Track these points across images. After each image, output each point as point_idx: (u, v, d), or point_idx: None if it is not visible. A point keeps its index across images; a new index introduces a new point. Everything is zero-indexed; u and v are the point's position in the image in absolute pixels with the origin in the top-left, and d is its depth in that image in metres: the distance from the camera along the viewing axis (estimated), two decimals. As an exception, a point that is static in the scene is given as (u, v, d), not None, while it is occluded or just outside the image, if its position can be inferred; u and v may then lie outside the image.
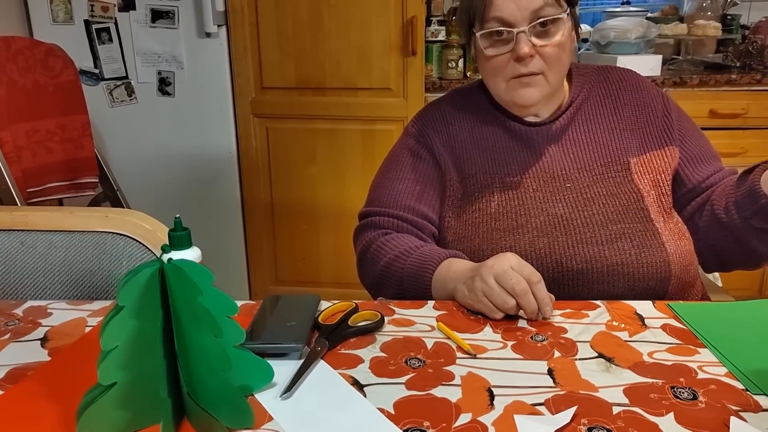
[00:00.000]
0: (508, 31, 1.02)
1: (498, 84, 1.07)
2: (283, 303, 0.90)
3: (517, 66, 1.03)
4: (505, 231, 1.05)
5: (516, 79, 1.04)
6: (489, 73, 1.07)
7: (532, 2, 1.00)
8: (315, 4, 2.20)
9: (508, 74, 1.04)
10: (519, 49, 1.01)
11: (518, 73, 1.03)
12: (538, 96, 1.06)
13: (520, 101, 1.07)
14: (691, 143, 1.12)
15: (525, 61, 1.02)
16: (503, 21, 1.01)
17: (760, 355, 0.77)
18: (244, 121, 2.37)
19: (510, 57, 1.03)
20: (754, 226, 1.00)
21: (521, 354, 0.79)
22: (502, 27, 1.02)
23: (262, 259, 2.51)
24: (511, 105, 1.10)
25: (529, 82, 1.04)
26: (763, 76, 2.27)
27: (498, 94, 1.09)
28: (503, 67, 1.04)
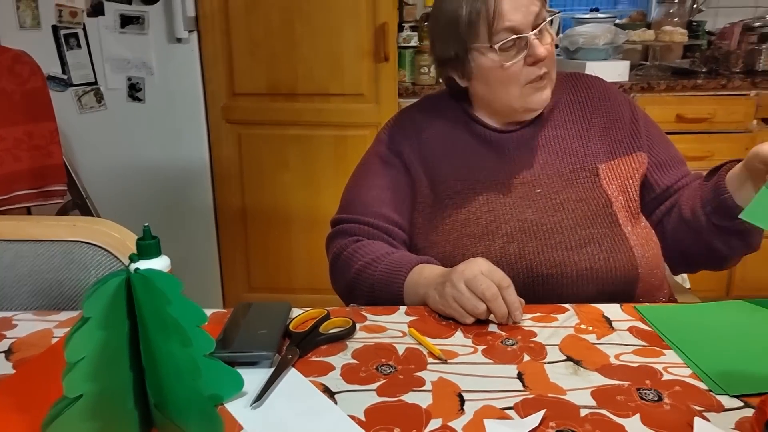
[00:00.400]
0: (520, 38, 1.03)
1: (511, 92, 1.07)
2: (254, 311, 0.90)
3: (532, 70, 1.05)
4: (475, 237, 1.05)
5: (530, 84, 1.06)
6: (502, 82, 1.07)
7: (533, 6, 1.03)
8: (286, 10, 2.20)
9: (524, 80, 1.06)
10: (537, 52, 1.03)
11: (535, 77, 1.05)
12: (549, 96, 1.09)
13: (536, 105, 1.09)
14: (659, 149, 1.15)
15: (539, 64, 1.04)
16: (515, 30, 1.02)
17: (723, 356, 0.79)
18: (216, 128, 2.35)
19: (522, 63, 1.04)
20: (715, 223, 1.02)
21: (491, 358, 0.79)
22: (514, 35, 1.03)
23: (235, 266, 2.49)
24: (522, 111, 1.11)
25: (543, 85, 1.07)
26: (729, 81, 2.33)
27: (509, 103, 1.09)
28: (518, 75, 1.05)
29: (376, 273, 1.03)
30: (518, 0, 1.02)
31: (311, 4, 2.18)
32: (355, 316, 0.91)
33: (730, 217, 1.00)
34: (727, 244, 1.04)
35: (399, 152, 1.15)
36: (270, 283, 2.51)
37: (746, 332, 0.84)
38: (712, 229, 1.03)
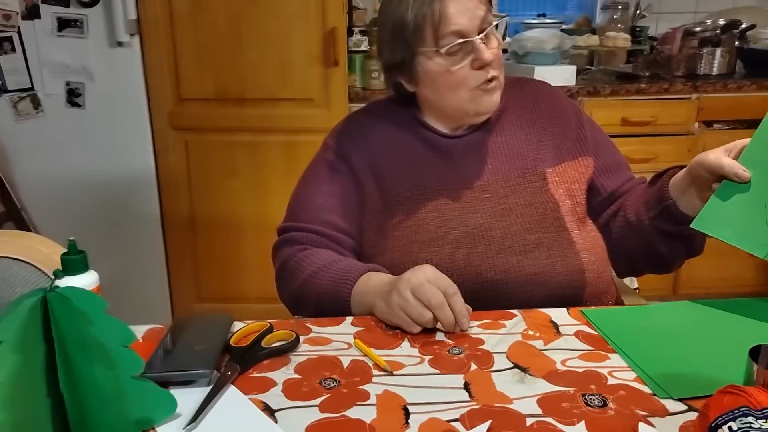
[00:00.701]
0: (466, 42, 1.02)
1: (461, 96, 1.06)
2: (192, 325, 0.86)
3: (480, 74, 1.04)
4: (424, 243, 1.04)
5: (479, 88, 1.05)
6: (450, 87, 1.06)
7: (478, 10, 1.02)
8: (233, 14, 2.15)
9: (472, 84, 1.04)
10: (484, 56, 1.02)
11: (483, 80, 1.04)
12: (498, 100, 1.08)
13: (485, 109, 1.08)
14: (605, 153, 1.16)
15: (486, 68, 1.03)
16: (461, 34, 1.01)
17: (666, 358, 0.79)
18: (161, 135, 2.28)
19: (470, 67, 1.03)
20: (659, 228, 1.03)
21: (438, 368, 0.78)
22: (461, 39, 1.02)
23: (184, 276, 2.42)
24: (472, 115, 1.09)
25: (492, 88, 1.06)
26: (671, 84, 2.39)
27: (460, 107, 1.08)
28: (466, 79, 1.04)
29: (323, 282, 1.00)
30: (464, 4, 1.01)
31: (259, 8, 2.14)
32: (300, 329, 0.88)
33: (674, 223, 1.01)
34: (671, 248, 1.05)
35: (347, 158, 1.13)
36: (220, 293, 2.45)
37: (691, 334, 0.85)
38: (656, 234, 1.04)
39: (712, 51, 2.55)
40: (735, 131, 2.42)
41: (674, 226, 1.01)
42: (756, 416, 0.58)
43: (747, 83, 2.39)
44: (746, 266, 2.55)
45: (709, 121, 2.43)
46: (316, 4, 2.14)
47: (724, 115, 2.42)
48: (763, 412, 0.58)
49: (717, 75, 2.56)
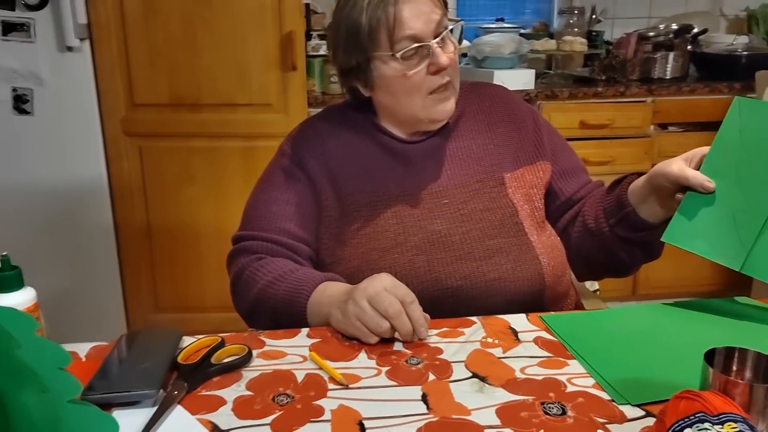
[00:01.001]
0: (422, 46, 1.00)
1: (415, 102, 1.04)
2: (139, 342, 0.82)
3: (434, 79, 1.02)
4: (383, 250, 1.02)
5: (433, 94, 1.03)
6: (405, 92, 1.04)
7: (434, 14, 1.00)
8: (187, 18, 2.10)
9: (427, 89, 1.03)
10: (440, 60, 1.00)
11: (437, 86, 1.03)
12: (453, 106, 1.07)
13: (440, 116, 1.06)
14: (562, 157, 1.16)
15: (441, 73, 1.02)
16: (416, 38, 1.00)
17: (625, 363, 0.78)
18: (114, 141, 2.21)
19: (425, 72, 1.01)
20: (618, 234, 1.03)
21: (395, 380, 0.76)
22: (416, 44, 1.00)
23: (140, 286, 2.35)
24: (426, 122, 1.08)
25: (447, 95, 1.05)
26: (627, 88, 2.43)
27: (414, 113, 1.06)
28: (421, 84, 1.02)
29: (278, 292, 0.97)
30: (419, 8, 1.00)
31: (213, 12, 2.10)
32: (253, 342, 0.85)
33: (633, 230, 1.01)
34: (630, 254, 1.06)
35: (303, 165, 1.11)
36: (179, 303, 2.39)
37: (649, 338, 0.85)
38: (615, 241, 1.04)
39: (665, 55, 2.60)
40: (689, 133, 2.48)
41: (634, 233, 1.02)
42: (712, 422, 0.57)
43: (700, 86, 2.44)
44: (702, 266, 2.60)
45: (664, 123, 2.48)
46: (273, 8, 2.11)
47: (678, 118, 2.47)
48: (719, 417, 0.58)
49: (671, 78, 2.61)
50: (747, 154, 0.88)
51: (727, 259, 0.88)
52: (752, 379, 0.68)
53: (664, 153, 2.45)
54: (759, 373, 0.68)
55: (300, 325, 0.92)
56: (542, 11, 3.05)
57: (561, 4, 2.92)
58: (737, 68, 2.54)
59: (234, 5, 2.10)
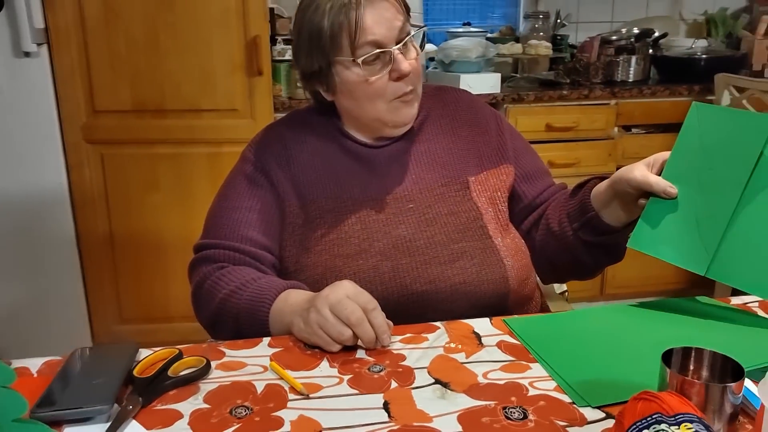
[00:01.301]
0: (384, 52, 0.99)
1: (378, 107, 1.03)
2: (93, 356, 0.80)
3: (398, 85, 1.02)
4: (348, 257, 1.01)
5: (398, 99, 1.03)
6: (368, 97, 1.03)
7: (396, 20, 1.00)
8: (149, 22, 2.07)
9: (390, 95, 1.02)
10: (402, 67, 0.99)
11: (401, 92, 1.02)
12: (416, 112, 1.07)
13: (403, 120, 1.06)
14: (525, 160, 1.16)
15: (405, 79, 1.01)
16: (378, 43, 0.99)
17: (586, 365, 0.79)
18: (74, 149, 2.16)
19: (387, 78, 1.01)
20: (582, 238, 1.04)
21: (357, 388, 0.75)
22: (378, 49, 0.99)
23: (104, 297, 2.30)
24: (390, 126, 1.07)
25: (410, 100, 1.04)
26: (591, 91, 2.46)
27: (378, 117, 1.05)
28: (383, 90, 1.02)
29: (240, 302, 0.96)
30: (382, 14, 0.99)
31: (176, 16, 2.07)
32: (212, 353, 0.83)
33: (597, 234, 1.02)
34: (594, 257, 1.07)
35: (266, 171, 1.09)
36: (145, 314, 2.34)
37: (611, 339, 0.85)
38: (579, 244, 1.05)
39: (627, 58, 2.65)
40: (652, 135, 2.52)
41: (597, 237, 1.03)
42: (668, 423, 0.58)
43: (661, 89, 2.49)
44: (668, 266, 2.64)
45: (627, 125, 2.51)
46: (237, 12, 2.09)
47: (641, 120, 2.51)
48: (675, 418, 0.58)
49: (633, 81, 2.66)
50: (707, 159, 0.89)
51: (692, 264, 0.90)
52: (708, 379, 0.68)
53: (628, 154, 2.49)
54: (715, 372, 0.68)
55: (263, 335, 0.90)
56: (508, 15, 3.08)
57: (526, 8, 2.95)
58: (697, 71, 2.59)
59: (197, 9, 2.07)
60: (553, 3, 2.90)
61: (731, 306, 0.96)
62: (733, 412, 0.64)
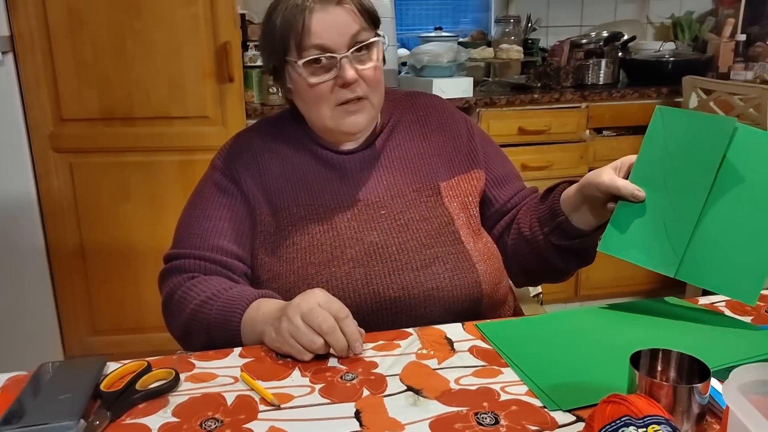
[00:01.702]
0: (330, 57, 0.99)
1: (323, 112, 1.03)
2: (60, 371, 0.78)
3: (343, 92, 1.01)
4: (320, 264, 1.00)
5: (342, 106, 1.02)
6: (313, 102, 1.03)
7: (350, 27, 0.99)
8: (116, 28, 2.04)
9: (333, 101, 1.01)
10: (346, 74, 0.98)
11: (345, 99, 1.01)
12: (364, 122, 1.05)
13: (348, 128, 1.04)
14: (496, 165, 1.17)
15: (351, 87, 1.00)
16: (324, 48, 0.98)
17: (557, 369, 0.79)
18: (42, 158, 2.12)
19: (333, 84, 1.00)
20: (553, 242, 1.05)
21: (329, 397, 0.74)
22: (323, 54, 0.99)
23: (75, 308, 2.26)
24: (337, 133, 1.06)
25: (356, 109, 1.03)
26: (562, 94, 2.49)
27: (323, 123, 1.05)
28: (327, 95, 1.01)
29: (212, 312, 0.95)
30: (333, 19, 0.98)
31: (143, 22, 2.04)
32: (182, 365, 0.82)
33: (567, 238, 1.03)
34: (564, 261, 1.08)
35: (236, 179, 1.08)
36: (117, 325, 2.31)
37: (582, 342, 0.86)
38: (550, 248, 1.06)
39: (597, 62, 2.68)
40: (622, 137, 2.56)
41: (568, 241, 1.03)
42: (637, 425, 0.58)
43: (630, 92, 2.53)
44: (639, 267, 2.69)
45: (598, 128, 2.55)
46: (206, 18, 2.07)
47: (611, 122, 2.55)
48: (644, 420, 0.59)
49: (603, 84, 2.69)
50: (672, 162, 0.90)
51: (661, 266, 0.91)
52: (676, 380, 0.69)
53: (600, 156, 2.52)
54: (683, 373, 0.69)
55: (235, 345, 0.89)
56: (480, 20, 3.10)
57: (497, 12, 2.98)
58: (665, 74, 2.64)
59: (165, 15, 2.05)
60: (524, 7, 2.93)
61: (699, 306, 0.98)
62: (700, 412, 0.64)
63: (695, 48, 2.97)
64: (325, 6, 0.98)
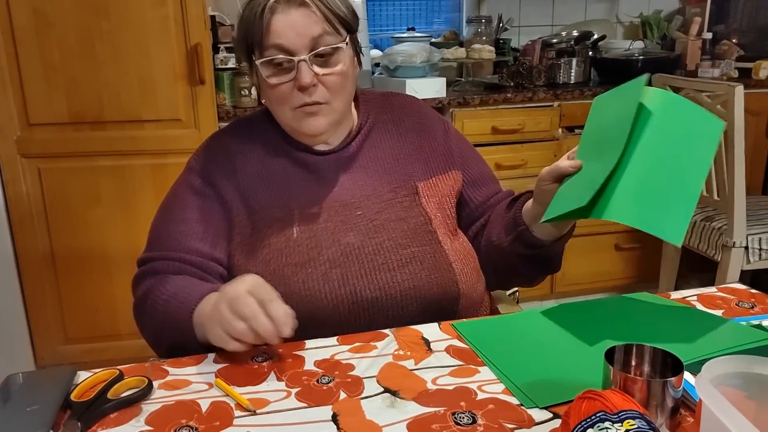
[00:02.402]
0: (288, 59, 0.98)
1: (284, 112, 1.03)
2: (27, 382, 0.76)
3: (301, 95, 1.00)
4: (296, 265, 1.00)
5: (301, 108, 1.01)
6: (274, 101, 1.03)
7: (311, 29, 0.97)
8: (84, 31, 2.00)
9: (294, 103, 1.01)
10: (301, 78, 0.98)
11: (302, 103, 1.00)
12: (325, 125, 1.04)
13: (307, 130, 1.03)
14: (472, 166, 1.17)
15: (309, 91, 0.99)
16: (283, 49, 0.98)
17: (533, 366, 0.79)
18: (9, 163, 2.07)
19: (292, 86, 0.99)
20: (515, 251, 1.06)
21: (305, 401, 0.74)
22: (282, 55, 0.98)
23: (46, 317, 2.21)
24: (299, 134, 1.06)
25: (315, 111, 1.02)
26: (534, 93, 2.51)
27: (286, 123, 1.05)
28: (288, 96, 1.00)
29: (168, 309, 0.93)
30: (295, 20, 0.97)
31: (112, 24, 2.01)
32: (154, 372, 0.80)
33: (528, 247, 1.04)
34: (528, 268, 1.09)
35: (211, 181, 1.07)
36: (91, 332, 2.26)
37: (558, 339, 0.87)
38: (513, 256, 1.07)
39: (568, 61, 2.71)
40: (594, 135, 2.58)
41: (530, 250, 1.05)
42: (612, 420, 0.59)
43: (601, 90, 2.55)
44: (613, 261, 2.73)
45: (570, 126, 2.57)
46: (177, 20, 2.04)
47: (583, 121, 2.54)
48: (618, 415, 0.59)
49: (575, 83, 2.72)
50: (601, 132, 0.92)
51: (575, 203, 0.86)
52: (650, 374, 0.70)
53: (573, 155, 2.55)
54: (656, 367, 0.70)
55: (197, 345, 0.88)
56: (452, 20, 3.11)
57: (469, 13, 2.99)
58: (634, 72, 2.65)
59: (134, 17, 2.01)
60: (495, 7, 2.94)
61: (671, 301, 0.99)
62: (674, 405, 0.65)
63: (664, 46, 3.02)
64: (288, 7, 0.97)
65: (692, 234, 2.37)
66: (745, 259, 2.20)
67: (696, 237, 2.35)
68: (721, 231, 2.22)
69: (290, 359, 0.83)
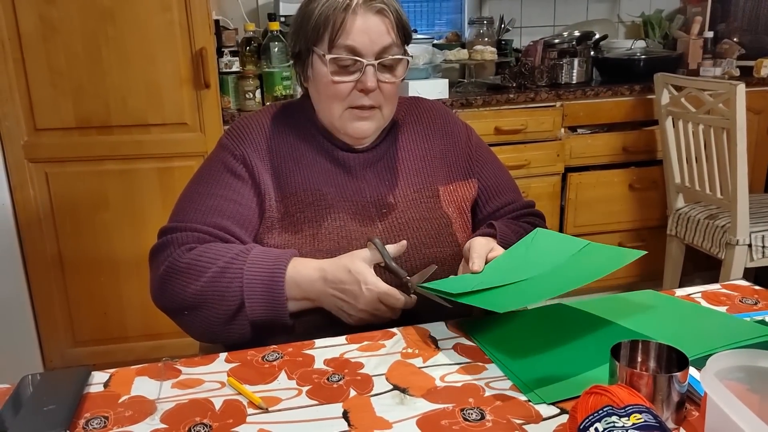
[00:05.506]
0: (357, 61, 1.00)
1: (334, 110, 1.04)
2: (43, 382, 0.77)
3: (360, 96, 1.02)
4: (328, 252, 1.01)
5: (353, 109, 1.03)
6: (328, 97, 1.04)
7: (383, 39, 1.01)
8: (90, 36, 2.02)
9: (348, 103, 1.03)
10: (366, 81, 1.01)
11: (359, 104, 1.03)
12: (373, 129, 1.07)
13: (354, 133, 1.06)
14: (488, 175, 1.19)
15: (370, 94, 1.02)
16: (354, 50, 1.00)
17: (540, 363, 0.81)
18: (17, 168, 2.09)
19: (353, 86, 1.02)
20: None
21: (316, 399, 0.75)
22: (352, 56, 1.00)
23: (55, 320, 2.23)
24: (343, 134, 1.08)
25: (367, 116, 1.04)
26: (537, 94, 2.52)
27: (331, 120, 1.06)
28: (344, 95, 1.02)
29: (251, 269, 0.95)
30: (370, 26, 1.00)
31: (117, 29, 2.02)
32: (167, 372, 0.82)
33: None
34: None
35: (246, 161, 1.07)
36: (99, 335, 2.28)
37: (564, 336, 0.88)
38: None
39: (570, 61, 2.72)
40: (597, 135, 2.59)
41: None
42: (619, 415, 0.60)
43: (603, 90, 2.57)
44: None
45: (573, 126, 2.58)
46: (182, 25, 2.06)
47: (586, 121, 2.58)
48: (625, 409, 0.60)
49: (577, 83, 2.73)
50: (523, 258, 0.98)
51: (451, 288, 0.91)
52: (656, 370, 0.71)
53: (576, 154, 2.56)
54: (662, 362, 0.71)
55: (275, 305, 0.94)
56: (454, 22, 3.13)
57: (471, 14, 3.01)
58: (637, 71, 2.68)
59: (140, 22, 2.03)
60: (497, 8, 2.96)
61: (676, 298, 1.00)
62: (680, 400, 0.66)
63: (665, 46, 3.03)
64: (367, 11, 0.99)
65: (696, 232, 2.38)
66: (748, 257, 2.21)
67: (700, 235, 2.36)
68: (725, 229, 2.23)
69: (300, 358, 0.85)
